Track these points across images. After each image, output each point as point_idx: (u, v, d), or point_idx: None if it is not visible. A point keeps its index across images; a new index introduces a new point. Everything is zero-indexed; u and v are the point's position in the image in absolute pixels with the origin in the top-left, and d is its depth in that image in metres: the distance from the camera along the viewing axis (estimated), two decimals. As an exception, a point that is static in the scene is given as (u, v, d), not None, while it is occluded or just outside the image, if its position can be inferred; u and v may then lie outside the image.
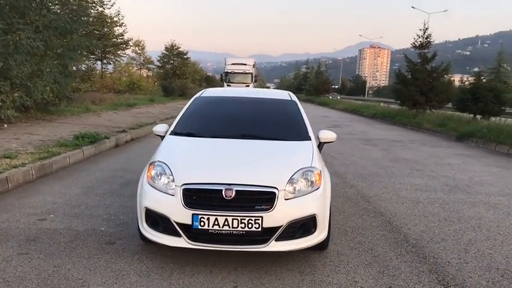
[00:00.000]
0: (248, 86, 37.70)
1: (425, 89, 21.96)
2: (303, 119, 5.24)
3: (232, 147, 4.59)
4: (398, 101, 24.02)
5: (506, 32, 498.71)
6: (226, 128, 5.03)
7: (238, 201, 3.74)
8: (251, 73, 38.18)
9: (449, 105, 23.42)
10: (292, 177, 3.96)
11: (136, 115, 19.03)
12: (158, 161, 4.19)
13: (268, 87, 64.58)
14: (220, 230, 3.73)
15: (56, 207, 5.70)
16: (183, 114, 5.19)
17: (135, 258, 4.19)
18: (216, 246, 3.81)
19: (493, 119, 18.85)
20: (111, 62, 38.09)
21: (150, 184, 4.07)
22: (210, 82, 72.20)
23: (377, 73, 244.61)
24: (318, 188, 4.06)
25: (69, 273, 3.84)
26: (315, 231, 4.01)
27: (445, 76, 22.81)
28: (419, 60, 23.05)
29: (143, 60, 53.54)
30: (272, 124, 5.19)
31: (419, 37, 23.10)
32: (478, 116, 19.62)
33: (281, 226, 3.80)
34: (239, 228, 3.72)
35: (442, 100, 22.16)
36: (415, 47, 23.28)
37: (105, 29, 33.40)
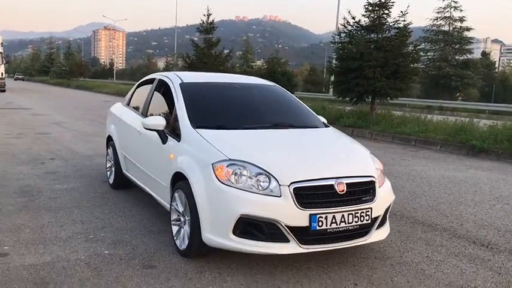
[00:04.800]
0: (-1, 67, 32.50)
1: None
2: (302, 104, 5.14)
3: (288, 138, 4.22)
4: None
5: (227, 21, 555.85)
6: (249, 117, 4.52)
7: (349, 194, 3.53)
8: (1, 53, 32.87)
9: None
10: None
11: None
12: (231, 159, 3.55)
13: None
14: (338, 228, 3.46)
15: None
16: (186, 104, 4.38)
17: (218, 277, 3.50)
18: (330, 246, 3.52)
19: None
20: None
21: (234, 187, 3.43)
22: None
23: (113, 56, 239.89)
24: (383, 172, 4.15)
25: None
26: (387, 215, 4.09)
27: (230, 61, 24.28)
28: (204, 45, 23.86)
29: None
30: (286, 111, 4.94)
31: (203, 22, 23.87)
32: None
33: (380, 215, 3.76)
34: (353, 223, 3.53)
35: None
36: (200, 31, 23.98)
37: None
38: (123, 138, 5.69)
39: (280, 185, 3.39)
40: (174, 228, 4.06)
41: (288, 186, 3.38)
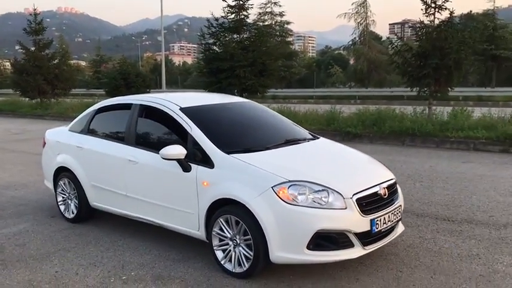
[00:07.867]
0: None
1: (51, 77, 21.16)
2: (281, 116, 5.56)
3: (311, 153, 4.65)
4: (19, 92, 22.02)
5: (14, 14, 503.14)
6: (264, 137, 4.79)
7: (388, 196, 4.15)
8: None
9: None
10: None
11: None
12: (291, 180, 3.84)
13: None
14: (387, 227, 4.06)
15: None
16: (205, 130, 4.40)
17: (294, 292, 3.78)
18: (381, 243, 4.08)
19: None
20: None
21: (303, 206, 3.75)
22: None
23: None
24: None
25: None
26: None
27: (68, 63, 22.54)
28: (33, 48, 21.75)
29: None
30: (281, 126, 5.25)
31: (30, 22, 21.65)
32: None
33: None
34: (393, 220, 4.17)
35: (68, 87, 22.00)
36: (27, 33, 21.73)
37: None
38: (95, 169, 5.32)
39: (344, 198, 3.83)
40: (219, 253, 4.17)
41: (351, 198, 3.84)
